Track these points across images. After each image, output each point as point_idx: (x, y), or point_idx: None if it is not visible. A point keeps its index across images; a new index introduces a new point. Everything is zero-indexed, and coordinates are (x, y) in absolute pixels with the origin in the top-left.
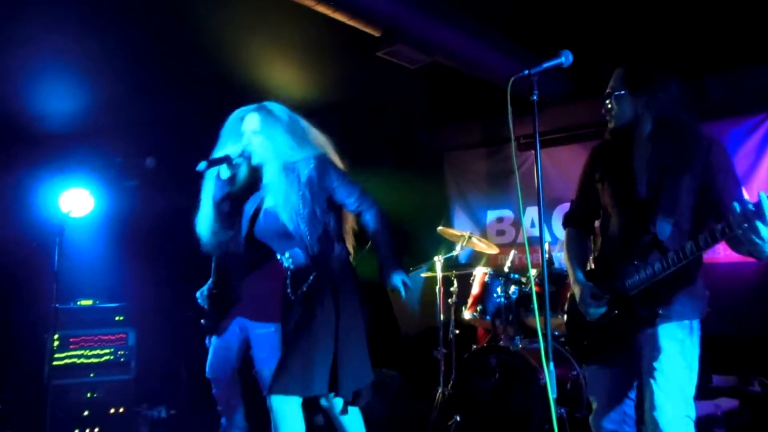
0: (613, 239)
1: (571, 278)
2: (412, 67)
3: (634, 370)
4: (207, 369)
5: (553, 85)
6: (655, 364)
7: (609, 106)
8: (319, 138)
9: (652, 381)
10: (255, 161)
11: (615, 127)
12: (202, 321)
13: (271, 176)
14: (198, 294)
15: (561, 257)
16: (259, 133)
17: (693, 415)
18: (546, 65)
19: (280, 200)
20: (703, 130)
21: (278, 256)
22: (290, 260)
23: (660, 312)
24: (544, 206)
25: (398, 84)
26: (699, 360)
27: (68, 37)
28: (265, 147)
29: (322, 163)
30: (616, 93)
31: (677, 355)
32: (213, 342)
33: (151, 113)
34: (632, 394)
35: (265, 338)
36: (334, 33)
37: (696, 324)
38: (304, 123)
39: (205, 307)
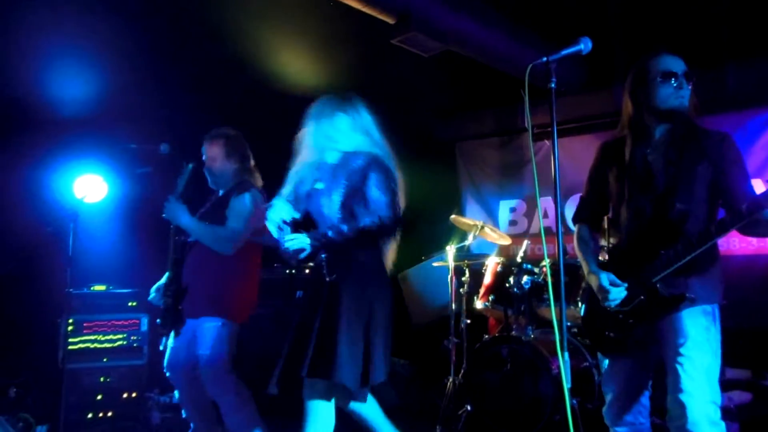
0: (631, 230)
1: (586, 270)
2: (426, 56)
3: (651, 359)
4: (165, 369)
5: (566, 75)
6: (682, 350)
7: (686, 85)
8: (377, 135)
9: (678, 366)
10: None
11: (680, 109)
12: (157, 321)
13: (324, 161)
14: (153, 291)
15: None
16: (314, 122)
17: (719, 401)
18: (565, 52)
19: (327, 185)
20: (719, 121)
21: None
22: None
23: (687, 295)
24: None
25: (411, 73)
26: None
27: (84, 23)
28: (319, 135)
29: (372, 162)
30: (691, 78)
31: (704, 342)
32: (169, 342)
33: (166, 99)
34: (649, 384)
35: (208, 333)
36: (349, 20)
37: (717, 310)
38: (368, 119)
39: (161, 305)
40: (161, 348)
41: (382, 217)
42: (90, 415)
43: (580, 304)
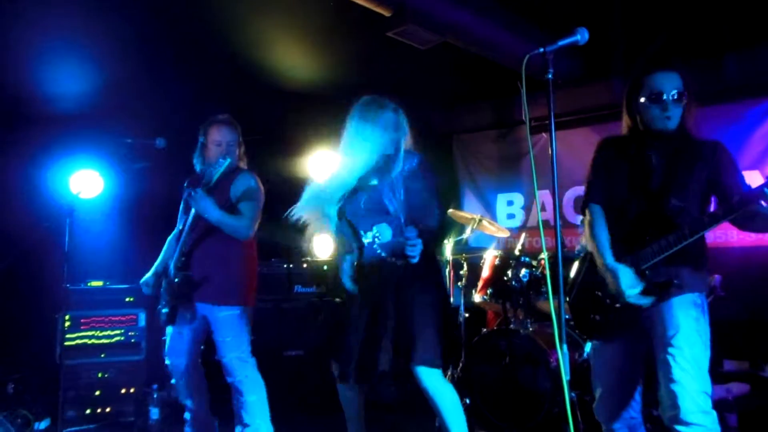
0: (625, 223)
1: (600, 261)
2: (423, 48)
3: (640, 350)
4: (165, 356)
5: (563, 67)
6: (673, 342)
7: (674, 106)
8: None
9: (669, 357)
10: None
11: (669, 130)
12: (163, 311)
13: (373, 161)
14: (143, 283)
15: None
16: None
17: (710, 390)
18: (561, 43)
19: (386, 182)
20: (718, 111)
21: (361, 233)
22: (378, 235)
23: (675, 281)
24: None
25: (408, 65)
26: (711, 344)
27: (79, 18)
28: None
29: (424, 164)
30: (684, 96)
31: (694, 333)
32: (170, 329)
33: (162, 94)
34: (640, 379)
35: (229, 321)
36: (345, 13)
37: (704, 299)
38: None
39: (158, 296)
40: (164, 337)
41: (439, 217)
42: (88, 411)
43: (571, 285)
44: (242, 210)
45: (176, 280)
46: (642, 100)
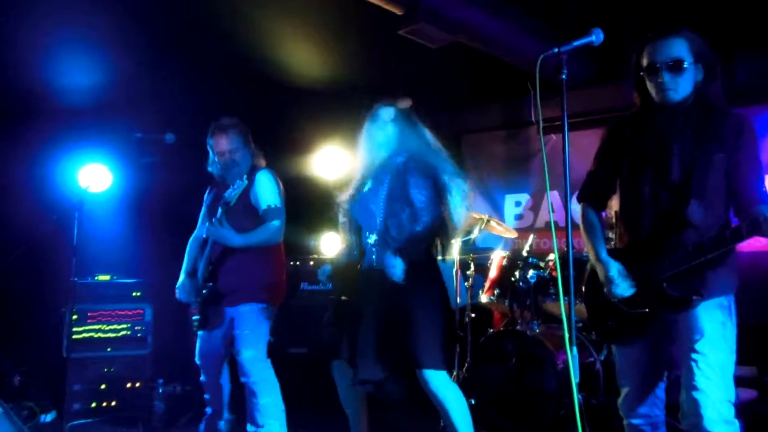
0: (643, 222)
1: (593, 256)
2: (434, 47)
3: (665, 351)
4: (196, 355)
5: (573, 68)
6: (697, 347)
7: (670, 77)
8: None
9: (693, 363)
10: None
11: (671, 102)
12: (194, 317)
13: (372, 165)
14: (180, 288)
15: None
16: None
17: (733, 398)
18: (576, 43)
19: (378, 185)
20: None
21: (366, 233)
22: (375, 238)
23: (694, 298)
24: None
25: (418, 64)
26: None
27: (89, 12)
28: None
29: (410, 163)
30: (685, 64)
31: (720, 339)
32: (200, 332)
33: (171, 89)
34: (664, 376)
35: (250, 315)
36: (355, 11)
37: (732, 301)
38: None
39: (192, 302)
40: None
41: (429, 221)
42: (94, 405)
43: (585, 288)
44: (269, 217)
45: (204, 291)
46: (641, 72)
